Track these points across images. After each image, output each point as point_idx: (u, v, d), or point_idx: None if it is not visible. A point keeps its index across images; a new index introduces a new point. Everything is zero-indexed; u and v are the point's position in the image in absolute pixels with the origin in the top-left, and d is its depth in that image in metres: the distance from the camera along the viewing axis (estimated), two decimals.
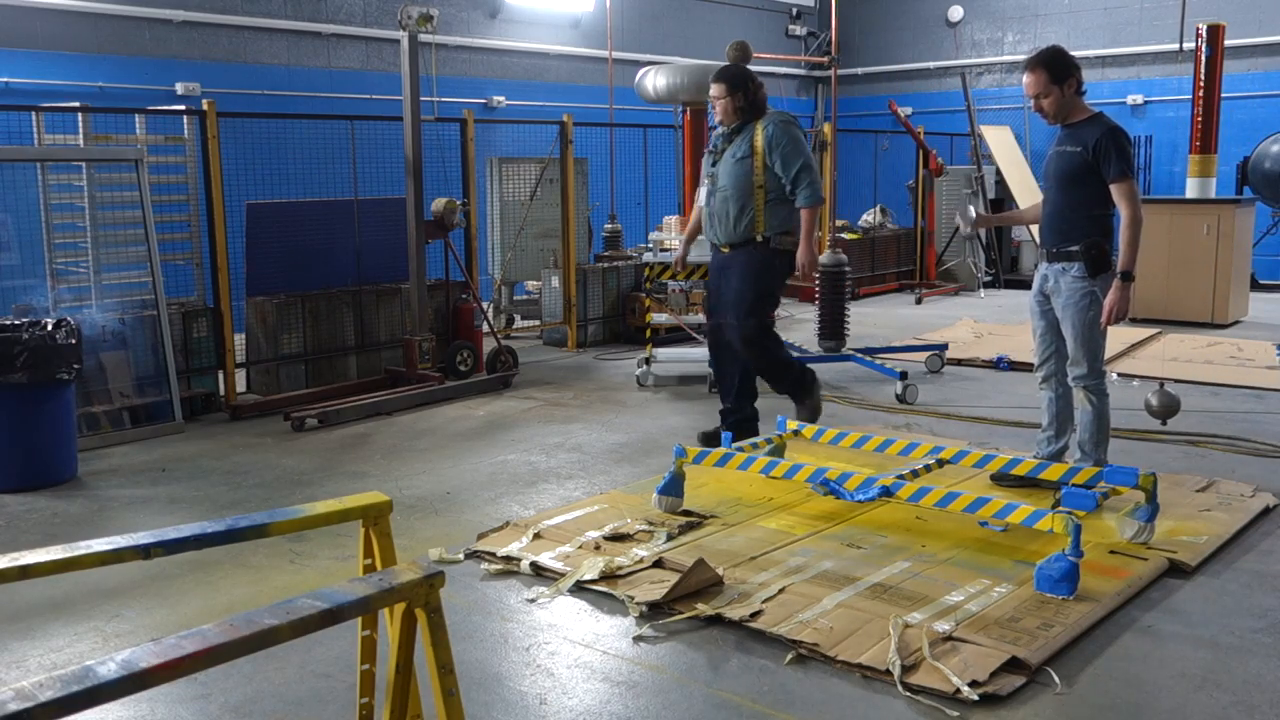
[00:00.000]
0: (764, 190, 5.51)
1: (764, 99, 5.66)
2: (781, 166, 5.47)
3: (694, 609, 3.67)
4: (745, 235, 5.56)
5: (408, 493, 5.20)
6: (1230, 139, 12.77)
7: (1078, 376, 4.78)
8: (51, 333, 5.38)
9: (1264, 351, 8.54)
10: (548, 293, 9.73)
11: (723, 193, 5.58)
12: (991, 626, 3.47)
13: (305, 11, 11.30)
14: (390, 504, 2.57)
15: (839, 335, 8.30)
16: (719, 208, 5.61)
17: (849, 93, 17.25)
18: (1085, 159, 4.61)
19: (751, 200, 5.52)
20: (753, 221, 5.54)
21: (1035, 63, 4.66)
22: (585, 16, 14.01)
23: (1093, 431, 4.80)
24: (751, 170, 5.51)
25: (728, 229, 5.60)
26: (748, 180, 5.51)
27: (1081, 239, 4.65)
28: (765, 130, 5.51)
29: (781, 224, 5.56)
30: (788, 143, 5.49)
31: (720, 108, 5.61)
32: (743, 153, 5.53)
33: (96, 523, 4.89)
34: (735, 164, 5.53)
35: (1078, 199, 4.68)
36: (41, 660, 3.49)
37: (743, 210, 5.53)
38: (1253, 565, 4.13)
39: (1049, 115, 4.72)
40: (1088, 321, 4.69)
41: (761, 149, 5.49)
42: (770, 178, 5.50)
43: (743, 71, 5.65)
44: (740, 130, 5.61)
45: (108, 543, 2.28)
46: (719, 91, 5.57)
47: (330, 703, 3.16)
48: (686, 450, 4.71)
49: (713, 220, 5.67)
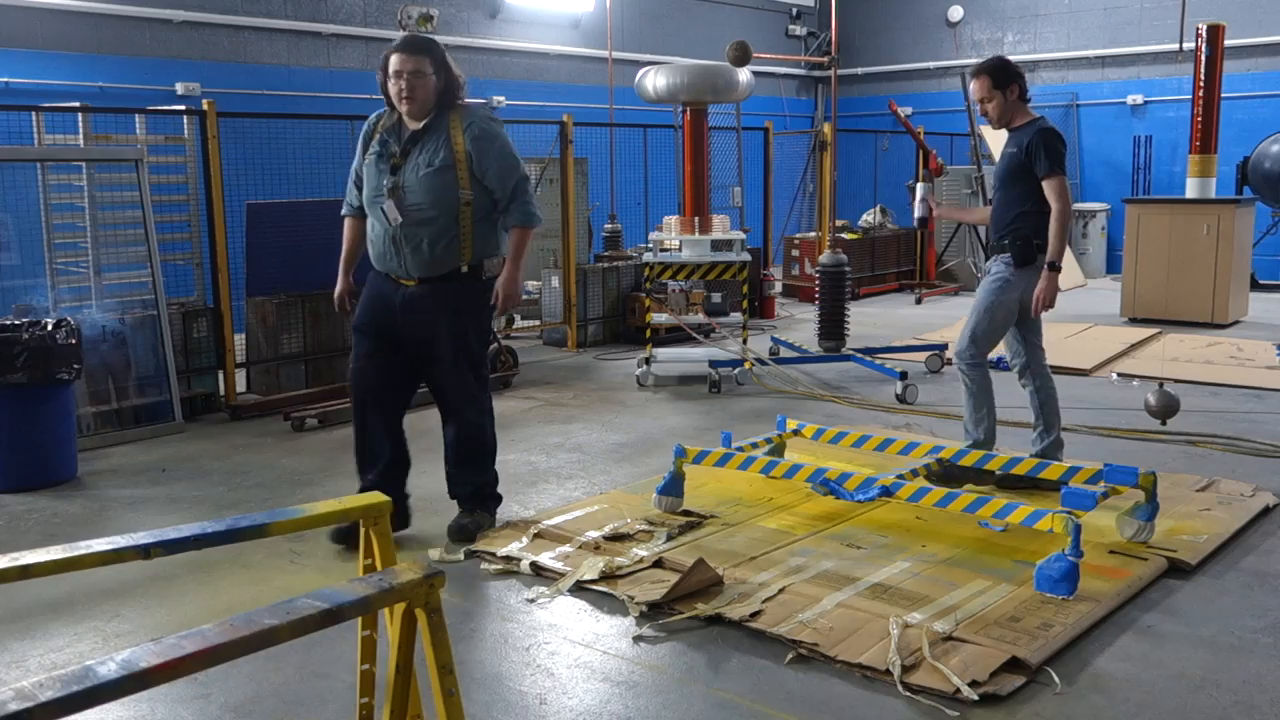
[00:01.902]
0: (471, 208, 4.30)
1: (462, 86, 4.39)
2: (497, 179, 4.33)
3: (694, 609, 3.67)
4: (447, 265, 4.32)
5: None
6: (1230, 139, 12.77)
7: (957, 352, 5.06)
8: (51, 333, 5.38)
9: (1264, 351, 8.54)
10: (548, 293, 9.74)
11: (414, 211, 4.26)
12: (991, 626, 3.47)
13: (305, 11, 11.30)
14: (390, 504, 2.57)
15: (839, 335, 8.30)
16: (408, 230, 4.28)
17: (849, 93, 17.25)
18: (1021, 159, 4.90)
19: (454, 221, 4.28)
20: (456, 247, 4.31)
21: (980, 70, 4.99)
22: (585, 16, 14.01)
23: (970, 411, 5.08)
24: (455, 183, 4.26)
25: (421, 258, 4.30)
26: (450, 195, 4.26)
27: (1009, 234, 4.94)
28: (469, 130, 4.29)
29: (490, 247, 4.43)
30: (501, 148, 4.34)
31: (419, 87, 4.25)
32: (442, 160, 4.26)
33: (96, 523, 4.89)
34: (432, 174, 4.25)
35: (1014, 197, 4.96)
36: (41, 660, 3.49)
37: (443, 233, 4.28)
38: (1253, 565, 4.13)
39: (992, 119, 5.03)
40: (989, 304, 4.95)
41: (465, 155, 4.27)
42: (479, 192, 4.32)
43: (436, 42, 4.42)
44: (432, 128, 4.32)
45: (108, 543, 2.28)
46: (420, 65, 4.22)
47: (330, 703, 3.16)
48: (686, 450, 4.71)
49: (396, 246, 4.31)
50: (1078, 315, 10.92)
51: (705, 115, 8.56)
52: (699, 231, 8.06)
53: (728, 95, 8.47)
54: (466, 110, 4.36)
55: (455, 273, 4.34)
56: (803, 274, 12.58)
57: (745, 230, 10.14)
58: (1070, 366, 7.99)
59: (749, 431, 5.94)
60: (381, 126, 4.40)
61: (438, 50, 4.32)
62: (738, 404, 7.17)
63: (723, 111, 10.28)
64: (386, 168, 4.31)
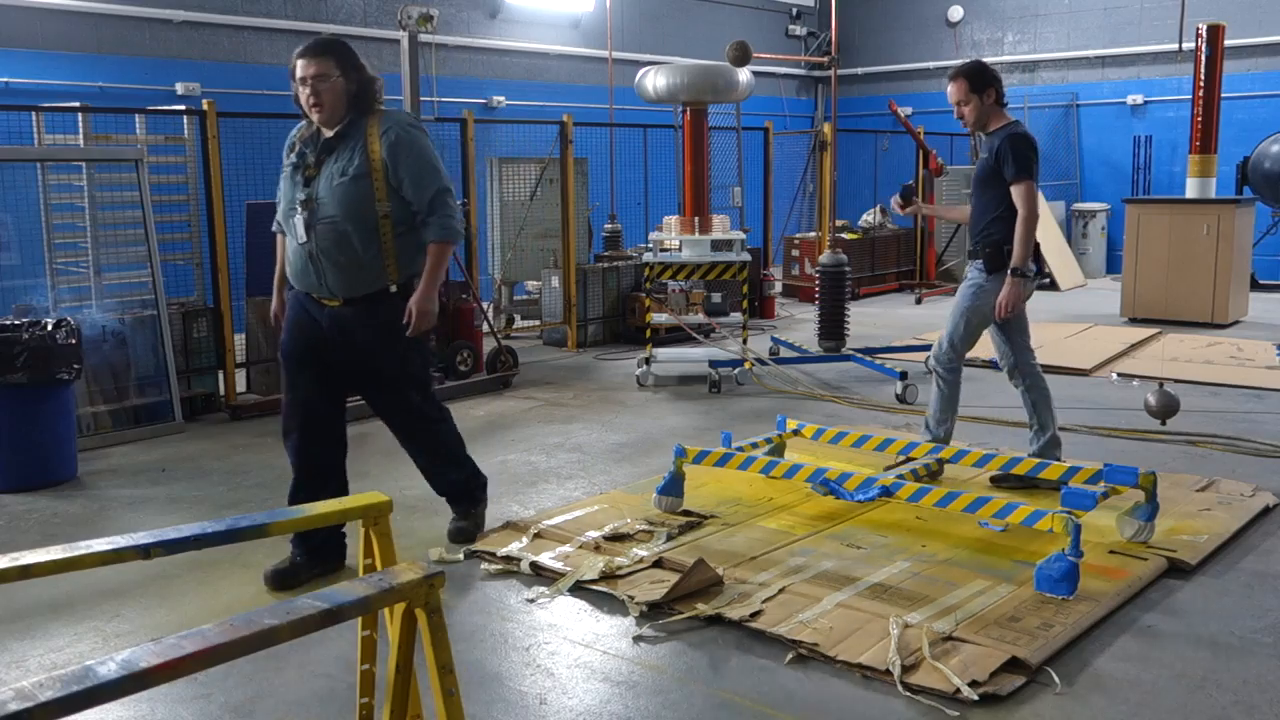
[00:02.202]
0: (390, 220, 4.00)
1: (379, 88, 4.08)
2: (412, 188, 4.00)
3: (694, 609, 3.67)
4: (372, 285, 4.03)
5: (408, 493, 5.20)
6: (1230, 139, 12.77)
7: (935, 355, 5.13)
8: (51, 333, 5.38)
9: (1264, 351, 8.55)
10: (548, 293, 9.73)
11: (330, 225, 3.96)
12: (991, 626, 3.47)
13: (305, 11, 11.30)
14: (390, 504, 2.57)
15: (839, 335, 8.30)
16: (324, 246, 3.97)
17: (849, 93, 17.25)
18: (991, 164, 4.93)
19: (375, 235, 3.99)
20: (380, 265, 4.02)
21: (957, 73, 5.04)
22: (585, 16, 14.01)
23: (936, 410, 5.14)
24: (371, 193, 3.96)
25: (340, 276, 4.00)
26: (365, 207, 3.95)
27: (984, 239, 4.97)
28: (385, 136, 3.98)
29: (419, 264, 4.14)
30: (420, 156, 4.03)
31: (325, 91, 3.92)
32: (356, 168, 3.95)
33: (96, 523, 4.89)
34: (345, 185, 3.94)
35: (988, 202, 5.00)
36: (41, 660, 3.50)
37: (364, 249, 3.99)
38: (1253, 565, 4.13)
39: (968, 122, 5.07)
40: (964, 310, 5.01)
41: (381, 163, 3.96)
42: (398, 203, 4.02)
43: (344, 43, 4.07)
44: (347, 135, 4.02)
45: (108, 543, 2.28)
46: (323, 67, 3.91)
47: (330, 703, 3.16)
48: (686, 450, 4.71)
49: (314, 263, 4.01)
50: (1078, 315, 10.92)
51: (705, 115, 8.56)
52: (699, 231, 8.06)
53: (728, 95, 8.47)
54: (386, 115, 4.05)
55: (383, 293, 4.05)
56: (803, 274, 12.58)
57: (745, 230, 10.14)
58: (1070, 366, 7.99)
59: (749, 431, 5.94)
60: (300, 137, 4.10)
61: (344, 51, 4.00)
62: (738, 404, 7.17)
63: (723, 111, 10.28)
64: (300, 179, 4.03)
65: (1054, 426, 5.08)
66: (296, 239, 4.04)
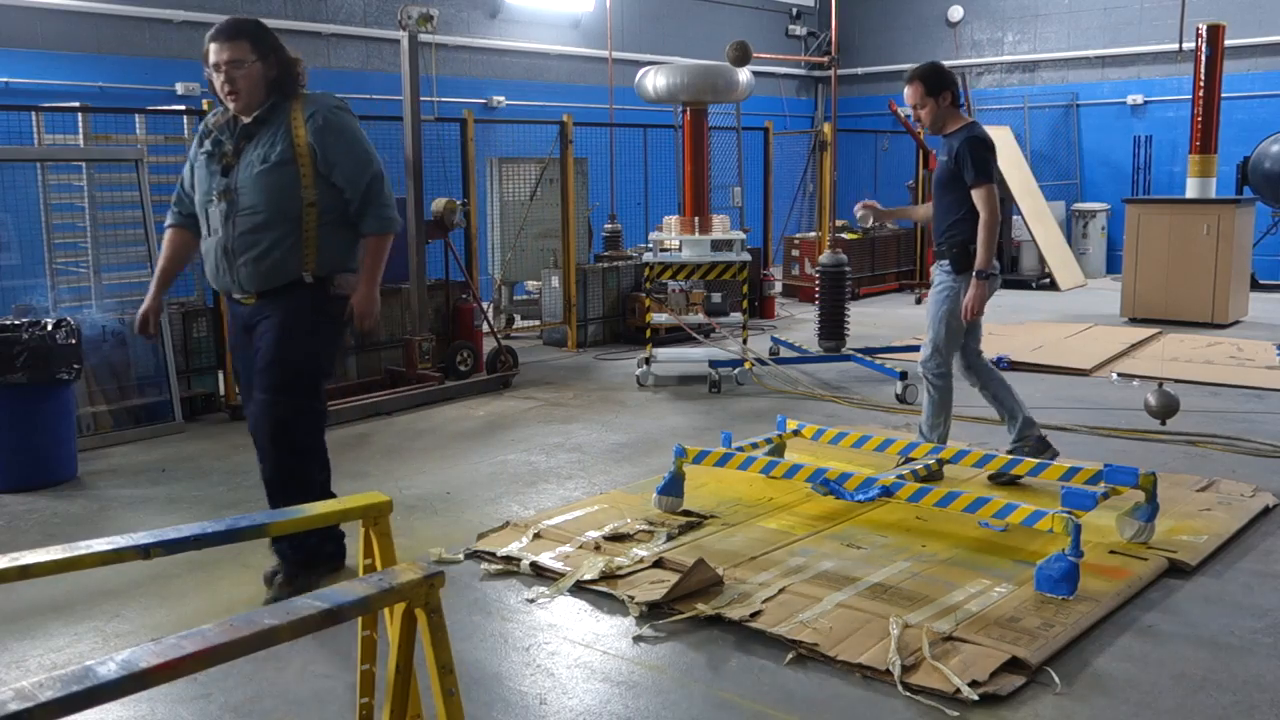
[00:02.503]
0: (316, 209, 3.75)
1: (301, 70, 3.87)
2: (345, 177, 3.78)
3: (694, 609, 3.67)
4: (285, 276, 3.76)
5: (408, 493, 5.20)
6: (1230, 139, 12.76)
7: (922, 362, 5.14)
8: (51, 333, 5.38)
9: (1264, 351, 8.54)
10: (548, 293, 9.73)
11: (247, 215, 3.71)
12: (991, 626, 3.47)
13: (305, 11, 11.30)
14: (390, 504, 2.57)
15: (839, 335, 8.30)
16: (238, 238, 3.73)
17: (849, 93, 17.25)
18: (951, 167, 4.97)
19: (296, 225, 3.72)
20: (297, 255, 3.74)
21: (914, 76, 5.04)
22: (585, 16, 14.01)
23: (929, 415, 5.17)
24: (295, 180, 3.71)
25: (253, 269, 3.74)
26: (287, 195, 3.70)
27: (950, 240, 5.04)
28: (311, 120, 3.74)
29: (342, 257, 3.88)
30: (350, 140, 3.80)
31: (240, 78, 3.70)
32: (279, 155, 3.70)
33: (96, 523, 4.89)
34: (266, 172, 3.70)
35: (949, 203, 5.06)
36: (41, 660, 3.50)
37: (281, 239, 3.72)
38: (1253, 565, 4.13)
39: (925, 125, 5.10)
40: (942, 314, 5.05)
41: (307, 148, 3.73)
42: (325, 191, 3.77)
43: (259, 24, 3.89)
44: (268, 120, 3.77)
45: (108, 543, 2.28)
46: (237, 52, 3.70)
47: (330, 703, 3.16)
48: (686, 450, 4.71)
49: (228, 258, 3.76)
50: (1078, 315, 10.92)
51: (705, 115, 8.56)
52: (699, 231, 8.06)
53: (728, 95, 8.47)
54: (310, 98, 3.81)
55: (297, 284, 3.75)
56: (803, 274, 12.58)
57: (745, 230, 10.15)
58: (1070, 366, 7.99)
59: (749, 431, 5.94)
60: (215, 124, 3.83)
61: (260, 33, 3.78)
62: (738, 404, 7.17)
63: (723, 111, 10.28)
64: (218, 169, 3.76)
65: (1022, 410, 5.16)
66: (212, 232, 3.78)
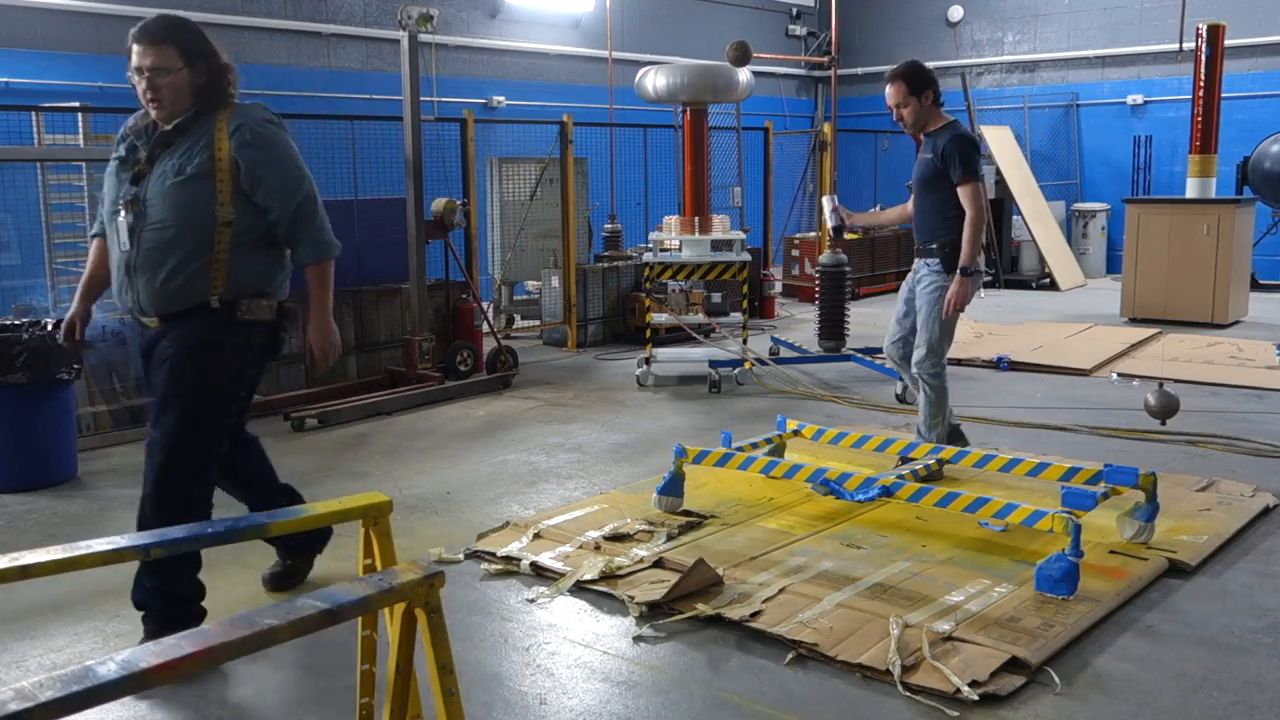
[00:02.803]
0: (232, 230, 3.41)
1: (233, 79, 3.50)
2: (270, 195, 3.43)
3: (694, 609, 3.67)
4: (188, 299, 3.39)
5: (408, 493, 5.20)
6: (1230, 139, 12.76)
7: (917, 361, 5.15)
8: (51, 333, 5.38)
9: (1264, 351, 8.54)
10: (548, 293, 9.74)
11: (154, 230, 3.37)
12: (991, 626, 3.47)
13: (305, 11, 11.30)
14: (390, 504, 2.57)
15: (839, 335, 8.31)
16: (145, 255, 3.38)
17: (849, 93, 17.25)
18: (937, 165, 4.99)
19: (206, 246, 3.38)
20: (204, 277, 3.39)
21: (895, 75, 5.08)
22: (585, 16, 14.00)
23: (927, 415, 5.18)
24: (211, 197, 3.37)
25: (158, 290, 3.39)
26: (201, 212, 3.36)
27: (939, 238, 5.06)
28: (237, 134, 3.40)
29: (255, 281, 3.50)
30: (279, 157, 3.46)
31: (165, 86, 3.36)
32: (196, 167, 3.36)
33: (96, 523, 4.89)
34: (179, 185, 3.36)
35: (934, 201, 5.08)
36: (41, 660, 3.50)
37: (188, 260, 3.37)
38: (1253, 565, 4.13)
39: (908, 124, 5.12)
40: (935, 314, 5.07)
41: (229, 164, 3.38)
42: (245, 211, 3.43)
43: (190, 26, 3.49)
44: (188, 129, 3.42)
45: (108, 543, 2.29)
46: (162, 58, 3.34)
47: (330, 703, 3.16)
48: (686, 450, 4.71)
49: (130, 275, 3.42)
50: (1078, 315, 10.92)
51: (705, 115, 8.56)
52: (699, 231, 8.06)
53: (728, 95, 8.47)
54: (239, 110, 3.47)
55: (201, 308, 3.40)
56: (803, 274, 12.58)
57: (745, 230, 10.14)
58: (1070, 366, 7.99)
59: (749, 431, 5.94)
60: (132, 128, 3.50)
61: (190, 37, 3.41)
62: (738, 404, 7.17)
63: (723, 111, 10.28)
64: (128, 176, 3.43)
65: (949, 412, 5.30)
66: (119, 246, 3.43)
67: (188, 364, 3.41)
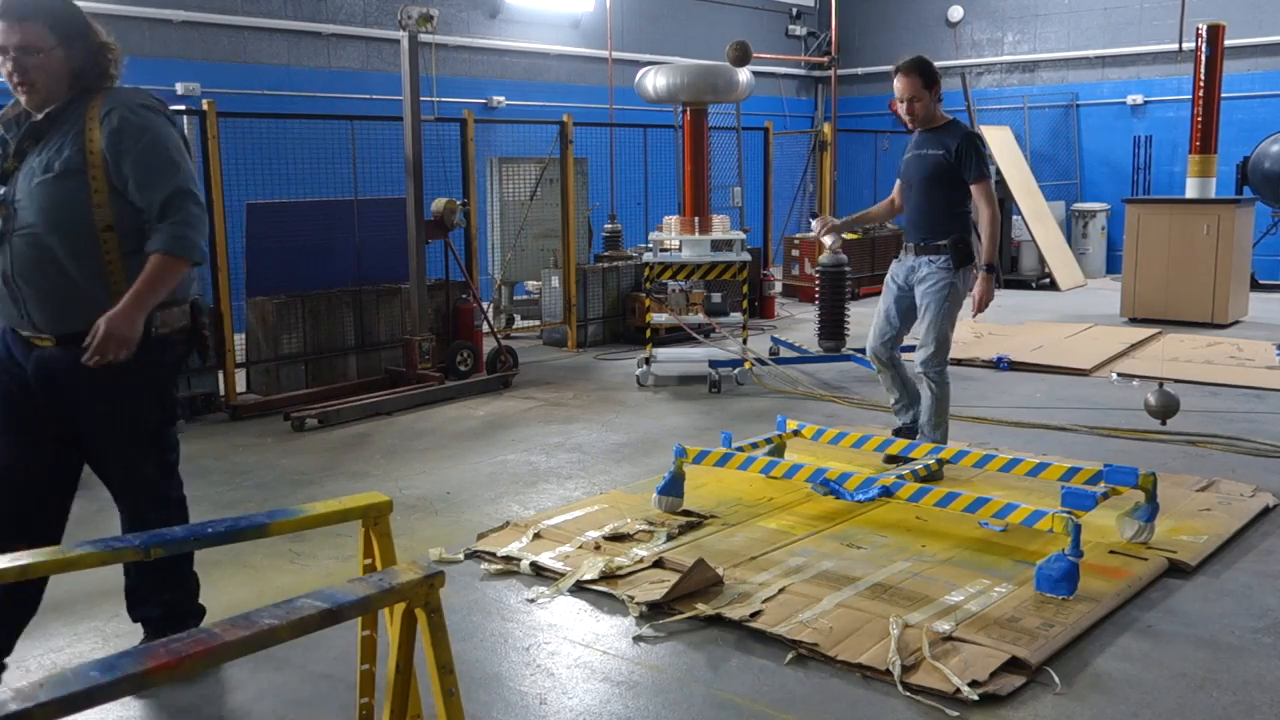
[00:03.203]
0: (116, 233, 3.01)
1: (114, 59, 3.11)
2: (139, 188, 3.01)
3: (694, 609, 3.67)
4: (85, 316, 2.97)
5: (408, 493, 5.20)
6: (1230, 139, 12.76)
7: (924, 360, 5.12)
8: None
9: (1264, 351, 8.54)
10: (548, 293, 9.73)
11: (25, 235, 2.99)
12: (991, 626, 3.47)
13: (305, 11, 11.30)
14: (390, 504, 2.57)
15: (839, 335, 8.30)
16: (22, 265, 3.00)
17: (849, 93, 17.25)
18: (948, 161, 4.98)
19: (91, 252, 3.00)
20: (100, 289, 3.01)
21: (910, 68, 5.02)
22: (585, 16, 14.00)
23: (931, 414, 5.18)
24: (84, 196, 2.97)
25: (51, 306, 3.02)
26: (76, 214, 2.97)
27: (947, 234, 5.03)
28: (106, 121, 3.00)
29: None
30: (150, 145, 3.03)
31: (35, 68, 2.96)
32: (65, 162, 2.97)
33: (96, 523, 4.89)
34: (49, 183, 2.97)
35: (941, 198, 5.05)
36: (41, 660, 3.50)
37: (72, 269, 2.99)
38: (1253, 565, 4.13)
39: (917, 118, 5.08)
40: (945, 311, 5.07)
41: (100, 156, 2.98)
42: (123, 210, 3.02)
43: (68, 3, 3.06)
44: (60, 119, 3.04)
45: (108, 543, 2.28)
46: (31, 35, 2.94)
47: (330, 703, 3.16)
48: (686, 450, 4.71)
49: (13, 288, 3.03)
50: (1078, 315, 10.92)
51: (705, 115, 8.56)
52: (699, 231, 8.06)
53: (728, 95, 8.47)
54: (113, 93, 3.07)
55: None
56: (803, 274, 12.58)
57: (745, 230, 10.14)
58: (1070, 366, 7.99)
59: (749, 431, 5.94)
60: (2, 118, 3.13)
61: (62, 12, 3.00)
62: (738, 404, 7.17)
63: (723, 111, 10.28)
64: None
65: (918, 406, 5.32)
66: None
67: (125, 390, 3.09)
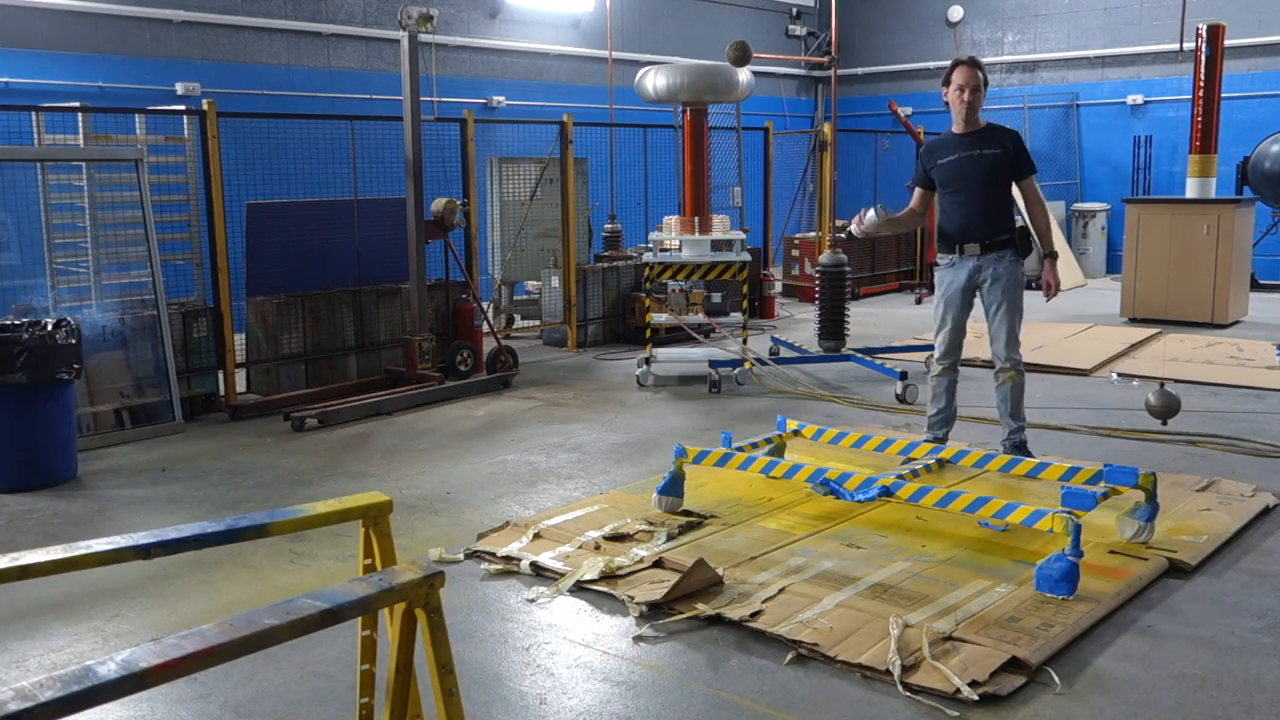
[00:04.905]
0: None
1: None
2: None
3: (694, 609, 3.67)
4: None
5: (408, 493, 5.20)
6: (1230, 139, 12.76)
7: (1009, 355, 5.26)
8: (51, 333, 5.38)
9: (1264, 351, 8.54)
10: (548, 293, 9.73)
11: None
12: (991, 626, 3.47)
13: (305, 11, 11.30)
14: (390, 504, 2.57)
15: (839, 335, 8.30)
16: None
17: (849, 93, 17.24)
18: (1007, 159, 5.19)
19: None
20: None
21: (973, 60, 5.26)
22: (585, 16, 14.00)
23: (1015, 403, 5.32)
24: None
25: None
26: None
27: (1008, 230, 5.23)
28: None
29: None
30: None
31: None
32: None
33: (96, 523, 4.89)
34: None
35: (999, 195, 5.26)
36: (41, 660, 3.49)
37: None
38: (1253, 565, 4.13)
39: (975, 110, 5.22)
40: (1017, 303, 5.25)
41: None
42: None
43: None
44: None
45: (108, 543, 2.28)
46: None
47: (330, 703, 3.16)
48: (686, 450, 4.71)
49: None
50: (1078, 315, 10.92)
51: (705, 115, 8.56)
52: (699, 231, 8.06)
53: (728, 95, 8.47)
54: None
55: None
56: (803, 274, 12.58)
57: (745, 230, 10.14)
58: (1070, 366, 7.99)
59: (749, 431, 5.94)
60: None
61: None
62: (738, 404, 7.17)
63: (723, 111, 10.27)
64: None
65: None
66: None
67: None
